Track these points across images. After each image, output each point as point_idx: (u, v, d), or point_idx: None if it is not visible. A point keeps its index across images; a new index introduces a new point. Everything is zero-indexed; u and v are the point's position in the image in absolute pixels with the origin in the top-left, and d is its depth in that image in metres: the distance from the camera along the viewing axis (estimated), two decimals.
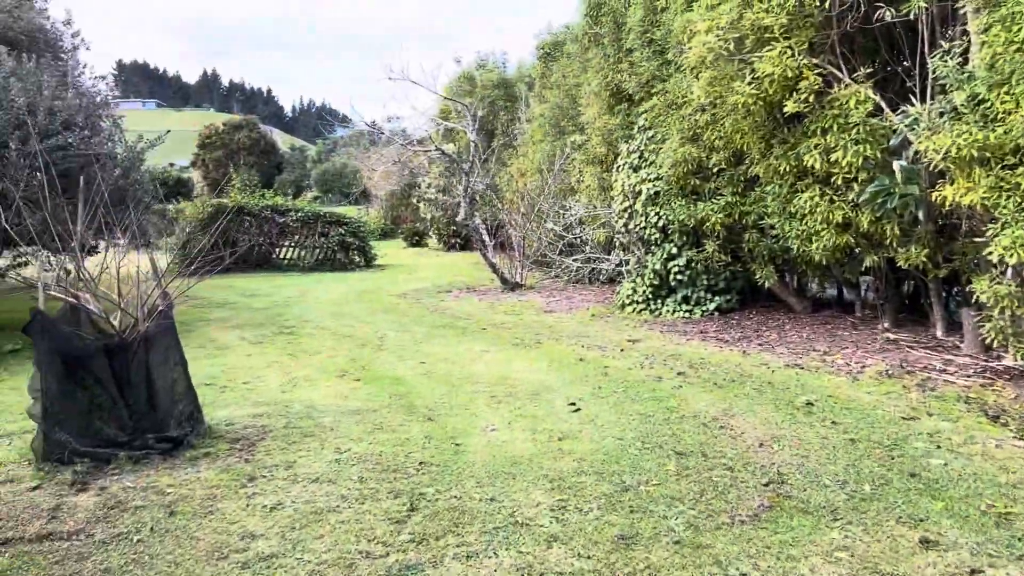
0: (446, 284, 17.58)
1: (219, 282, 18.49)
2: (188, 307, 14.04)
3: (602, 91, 14.35)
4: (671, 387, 7.34)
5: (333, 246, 21.84)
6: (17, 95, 9.26)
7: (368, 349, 9.72)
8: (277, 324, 11.81)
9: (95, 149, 9.68)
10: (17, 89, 9.28)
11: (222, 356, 9.39)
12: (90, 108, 10.46)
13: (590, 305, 13.40)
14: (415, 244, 32.41)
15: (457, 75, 27.83)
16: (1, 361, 9.21)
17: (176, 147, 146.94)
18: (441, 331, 11.05)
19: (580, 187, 16.41)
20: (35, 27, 14.25)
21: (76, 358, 4.92)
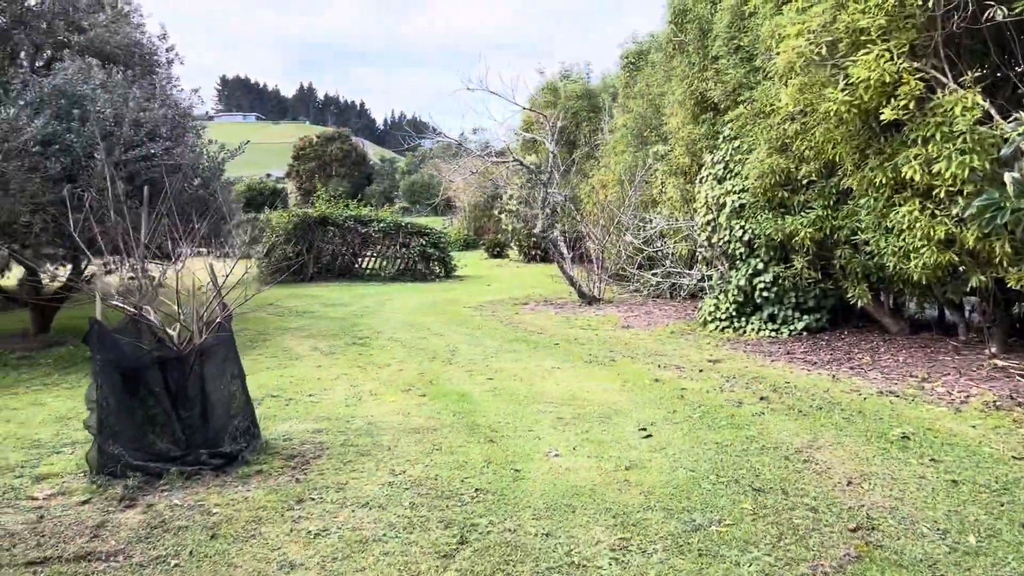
0: (523, 296, 17.34)
1: (302, 291, 18.76)
2: (269, 315, 14.22)
3: (686, 100, 13.88)
4: (752, 413, 6.85)
5: (414, 256, 21.91)
6: (104, 107, 9.49)
7: (437, 363, 9.53)
8: (351, 335, 11.77)
9: (177, 159, 9.84)
10: (104, 101, 9.51)
11: (293, 367, 9.35)
12: (175, 120, 10.66)
13: (670, 321, 12.91)
14: (496, 255, 32.35)
15: (541, 86, 27.65)
16: (81, 367, 9.41)
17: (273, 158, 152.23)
18: (513, 345, 10.79)
19: (662, 199, 15.94)
20: (131, 42, 14.73)
21: (132, 370, 4.86)
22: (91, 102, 9.48)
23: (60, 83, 9.75)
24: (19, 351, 10.03)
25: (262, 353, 10.27)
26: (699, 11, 13.32)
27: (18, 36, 13.90)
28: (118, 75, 10.31)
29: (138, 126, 9.80)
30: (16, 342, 10.79)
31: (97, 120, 9.37)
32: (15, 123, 8.55)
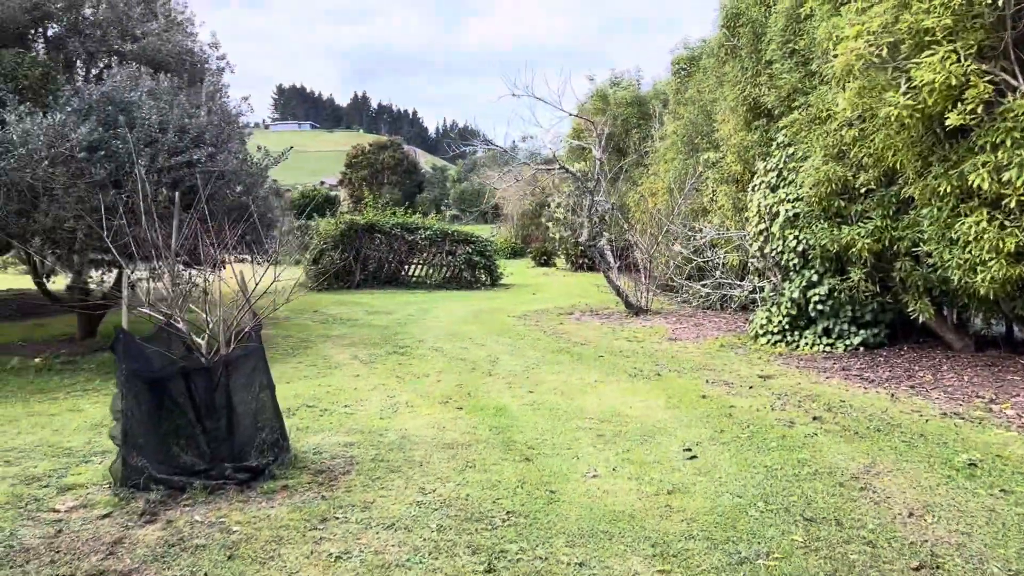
0: (568, 306, 17.05)
1: (348, 298, 18.77)
2: (313, 322, 14.20)
3: (739, 106, 13.48)
4: (804, 434, 6.48)
5: (460, 264, 21.79)
6: (149, 113, 9.52)
7: (477, 374, 9.32)
8: (392, 343, 11.64)
9: (221, 166, 9.83)
10: (149, 107, 9.55)
11: (331, 376, 9.24)
12: (220, 126, 10.67)
13: (719, 334, 12.50)
14: (543, 264, 32.10)
15: (590, 93, 27.37)
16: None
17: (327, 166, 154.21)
18: (555, 357, 10.52)
19: (712, 208, 15.53)
20: (182, 50, 14.88)
21: (157, 380, 4.74)
22: (137, 109, 9.53)
23: (108, 90, 9.82)
24: (64, 355, 10.11)
25: (302, 361, 10.19)
26: (752, 15, 12.93)
27: (73, 44, 14.15)
28: (165, 82, 10.36)
29: (183, 132, 9.82)
30: (62, 347, 10.91)
31: (143, 126, 9.40)
32: (61, 130, 8.61)
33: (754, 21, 12.89)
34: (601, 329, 13.47)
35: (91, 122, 8.98)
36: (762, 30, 12.64)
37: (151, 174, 9.19)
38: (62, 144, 8.56)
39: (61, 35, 14.59)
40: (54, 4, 13.97)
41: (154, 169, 9.23)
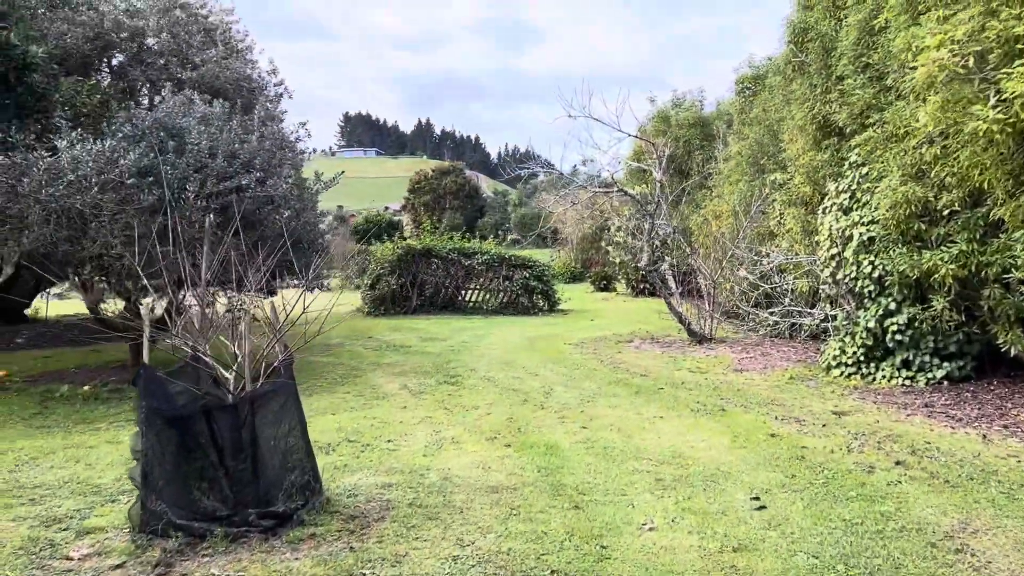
0: (628, 333, 16.48)
1: (403, 323, 18.56)
2: (366, 349, 13.96)
3: (807, 124, 12.83)
4: (887, 482, 5.85)
5: (517, 289, 21.42)
6: (199, 138, 9.43)
7: (529, 407, 8.87)
8: (444, 372, 11.28)
9: (270, 191, 9.68)
10: (198, 133, 9.46)
11: (377, 407, 8.90)
12: (272, 151, 10.55)
13: (788, 365, 11.80)
14: (603, 288, 31.50)
15: (651, 115, 26.88)
16: None
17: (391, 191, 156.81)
18: (613, 389, 10.00)
19: (780, 231, 14.82)
20: (240, 76, 14.97)
21: (177, 419, 4.44)
22: (188, 134, 9.45)
23: (160, 116, 9.79)
24: (113, 383, 10.03)
25: (350, 391, 9.90)
26: (821, 29, 12.31)
27: (134, 73, 14.34)
28: (218, 107, 10.30)
29: (232, 158, 9.71)
30: (113, 374, 10.86)
31: (192, 152, 9.30)
32: (111, 155, 8.55)
33: (823, 36, 12.28)
34: (662, 358, 12.89)
35: (141, 148, 8.91)
36: (832, 45, 12.02)
37: (199, 199, 9.07)
38: (111, 170, 8.50)
39: (124, 64, 14.83)
40: (118, 34, 14.21)
41: (203, 195, 9.11)
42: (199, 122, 9.87)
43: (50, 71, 10.97)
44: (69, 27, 13.40)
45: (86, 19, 13.69)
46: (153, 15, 15.06)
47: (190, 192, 9.02)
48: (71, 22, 13.51)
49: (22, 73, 9.93)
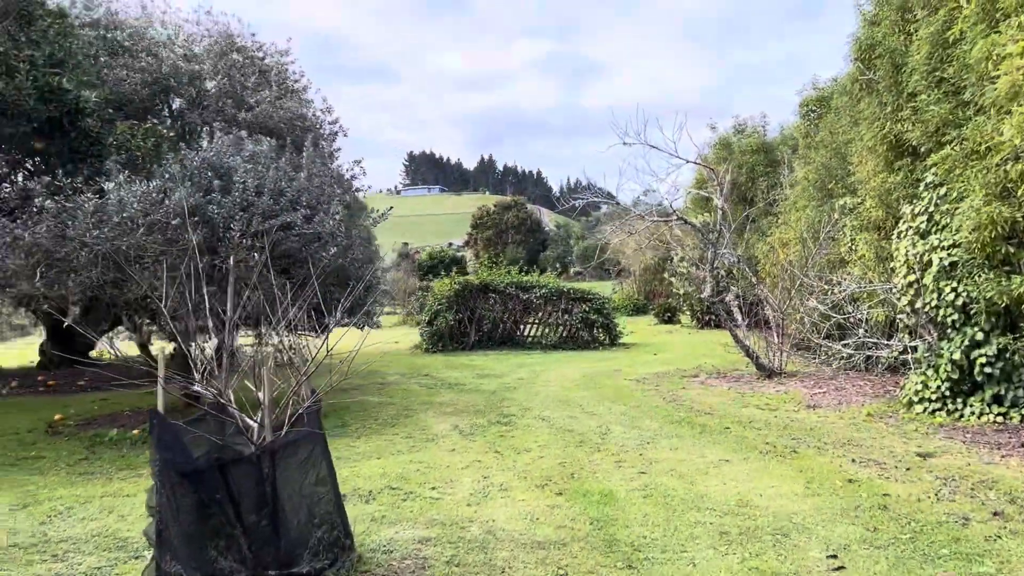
0: (692, 368, 15.79)
1: (460, 359, 18.23)
2: (420, 387, 13.65)
3: (878, 145, 12.13)
4: (984, 536, 5.17)
5: (576, 323, 20.90)
6: (245, 177, 9.33)
7: (584, 449, 8.36)
8: (497, 411, 10.85)
9: (317, 228, 9.50)
10: (244, 171, 9.36)
11: (425, 450, 8.52)
12: (321, 188, 10.41)
13: (865, 401, 11.01)
14: (666, 321, 30.69)
15: (712, 142, 26.27)
16: None
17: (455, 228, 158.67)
18: (675, 428, 9.42)
19: (851, 258, 14.04)
20: (293, 115, 15.05)
21: (192, 473, 4.12)
22: (235, 173, 9.37)
23: (208, 156, 9.74)
24: None
25: (399, 432, 9.54)
26: (890, 44, 11.66)
27: (191, 116, 14.53)
28: (264, 145, 10.24)
29: (279, 195, 9.58)
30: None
31: (239, 190, 9.20)
32: (156, 196, 8.49)
33: (892, 51, 11.63)
34: (728, 395, 12.21)
35: (186, 187, 8.84)
36: (902, 60, 11.37)
37: (245, 238, 8.93)
38: (156, 211, 8.43)
39: (183, 108, 15.07)
40: (176, 79, 14.45)
41: (248, 233, 8.97)
42: (246, 161, 9.79)
43: (105, 116, 11.11)
44: (128, 73, 13.68)
45: (144, 65, 13.96)
46: (209, 59, 15.32)
47: (235, 231, 8.89)
48: (130, 68, 13.78)
49: (75, 118, 10.03)
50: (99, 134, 10.39)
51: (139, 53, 14.32)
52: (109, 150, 10.47)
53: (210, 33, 16.17)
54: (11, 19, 10.46)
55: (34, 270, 8.31)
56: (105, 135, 10.53)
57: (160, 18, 15.96)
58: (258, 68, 15.97)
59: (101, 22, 14.84)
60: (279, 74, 16.03)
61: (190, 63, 14.72)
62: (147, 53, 14.38)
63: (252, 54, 16.23)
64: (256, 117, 14.42)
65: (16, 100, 9.37)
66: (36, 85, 9.53)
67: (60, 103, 9.76)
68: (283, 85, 16.13)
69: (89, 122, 10.38)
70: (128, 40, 14.55)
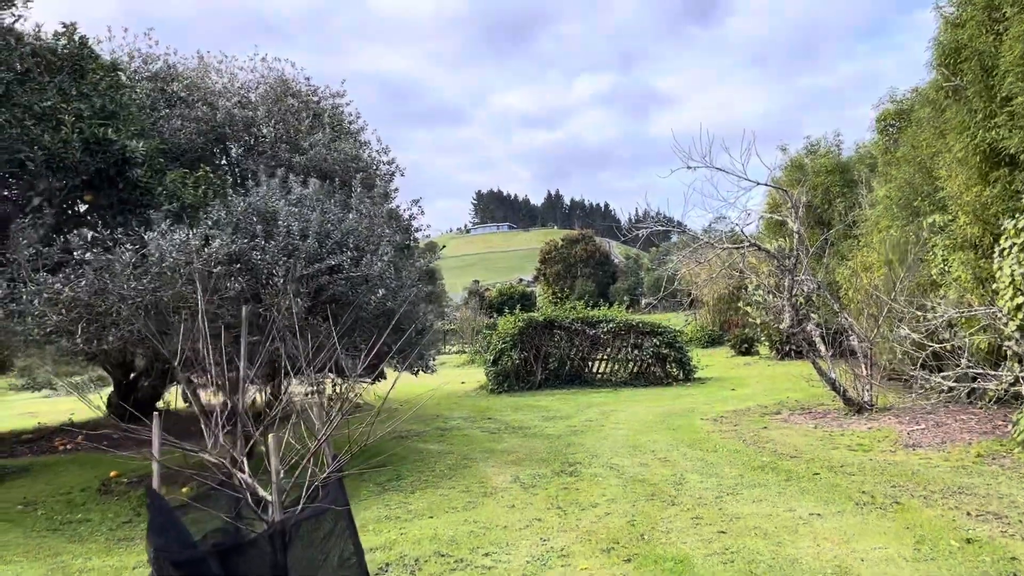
0: (773, 404, 14.73)
1: (526, 400, 17.54)
2: (482, 432, 13.00)
3: (969, 156, 11.10)
4: None
5: (647, 358, 19.98)
6: (287, 220, 8.96)
7: (657, 503, 7.55)
8: (561, 459, 10.10)
9: (364, 270, 9.04)
10: (286, 214, 8.99)
11: (482, 506, 7.84)
12: (370, 229, 9.98)
13: (972, 439, 9.88)
14: (743, 352, 29.34)
15: (783, 164, 25.13)
16: None
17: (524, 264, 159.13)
18: (758, 476, 8.52)
19: (944, 280, 12.88)
20: (348, 157, 14.80)
21: (187, 562, 3.56)
22: (280, 216, 9.01)
23: (255, 200, 9.43)
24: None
25: (455, 485, 8.89)
26: (977, 46, 10.69)
27: (246, 163, 14.42)
28: (311, 187, 9.87)
29: (326, 237, 9.17)
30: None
31: (282, 234, 8.82)
32: (196, 244, 8.15)
33: (981, 53, 10.66)
34: (815, 434, 11.19)
35: (227, 233, 8.50)
36: (992, 63, 10.39)
37: (289, 283, 8.51)
38: (197, 259, 8.08)
39: (239, 155, 15.00)
40: (232, 127, 14.40)
41: (292, 279, 8.55)
42: (292, 204, 9.44)
43: (157, 166, 10.96)
44: (183, 123, 13.67)
45: (200, 114, 13.94)
46: (264, 104, 15.27)
47: (278, 277, 8.49)
48: (185, 118, 13.77)
49: (122, 168, 9.86)
50: (148, 184, 10.20)
51: (195, 103, 14.33)
52: (159, 200, 10.27)
53: (265, 80, 16.15)
54: (64, 74, 10.45)
55: (75, 325, 8.04)
56: (155, 185, 10.34)
57: (216, 67, 16.02)
58: (312, 111, 15.85)
59: (160, 75, 14.96)
60: (333, 116, 15.85)
61: (244, 109, 14.65)
62: (203, 102, 14.38)
63: (307, 98, 16.13)
64: (310, 160, 14.20)
65: (62, 153, 9.24)
66: (82, 137, 9.40)
67: (106, 154, 9.60)
68: (338, 128, 15.95)
69: (138, 172, 10.21)
70: (184, 91, 14.59)
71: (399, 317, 9.66)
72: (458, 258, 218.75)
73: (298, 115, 15.40)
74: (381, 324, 9.32)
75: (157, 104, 13.99)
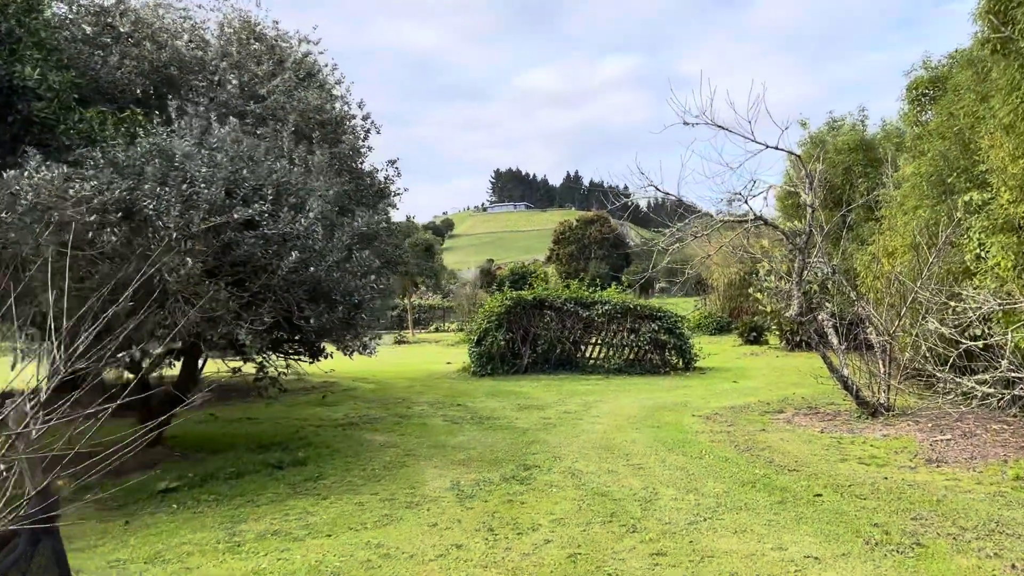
0: (777, 400, 13.11)
1: (506, 385, 16.01)
2: (443, 421, 11.49)
3: (1018, 121, 9.40)
4: None
5: (644, 344, 18.34)
6: (187, 161, 7.43)
7: (613, 528, 6.01)
8: (517, 461, 8.56)
9: (282, 228, 7.48)
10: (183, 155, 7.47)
11: (397, 523, 6.31)
12: (295, 180, 8.40)
13: (1008, 454, 8.27)
14: (751, 341, 27.58)
15: (803, 140, 23.30)
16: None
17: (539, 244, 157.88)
18: (745, 494, 6.95)
19: (980, 267, 11.18)
20: (311, 107, 13.25)
21: None
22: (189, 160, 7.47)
23: (160, 140, 7.89)
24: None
25: (378, 492, 7.36)
26: None
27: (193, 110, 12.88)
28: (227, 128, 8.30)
29: (236, 185, 7.62)
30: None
31: (181, 181, 7.29)
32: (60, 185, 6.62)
33: None
34: (820, 440, 9.58)
35: (105, 175, 6.97)
36: None
37: (182, 240, 6.98)
38: (60, 204, 6.57)
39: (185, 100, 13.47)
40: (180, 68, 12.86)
41: (187, 234, 7.01)
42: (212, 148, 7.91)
43: (65, 102, 9.44)
44: (123, 60, 12.15)
45: (143, 52, 12.42)
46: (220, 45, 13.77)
47: (170, 230, 6.95)
48: (127, 55, 12.25)
49: (9, 99, 8.35)
50: (46, 120, 8.68)
51: (141, 41, 12.80)
52: (62, 139, 8.75)
53: (228, 21, 14.60)
54: None
55: None
56: (57, 123, 8.82)
57: (173, 5, 14.46)
58: (278, 57, 14.30)
59: (108, 10, 13.45)
60: (298, 63, 14.28)
61: (195, 50, 13.11)
62: (149, 40, 12.84)
63: (272, 43, 14.58)
64: (266, 109, 12.68)
65: None
66: None
67: None
68: (304, 76, 14.40)
69: (38, 105, 8.70)
70: (130, 26, 13.06)
71: (326, 287, 8.12)
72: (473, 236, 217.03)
73: (259, 58, 13.85)
74: (301, 295, 7.79)
75: (99, 40, 12.51)
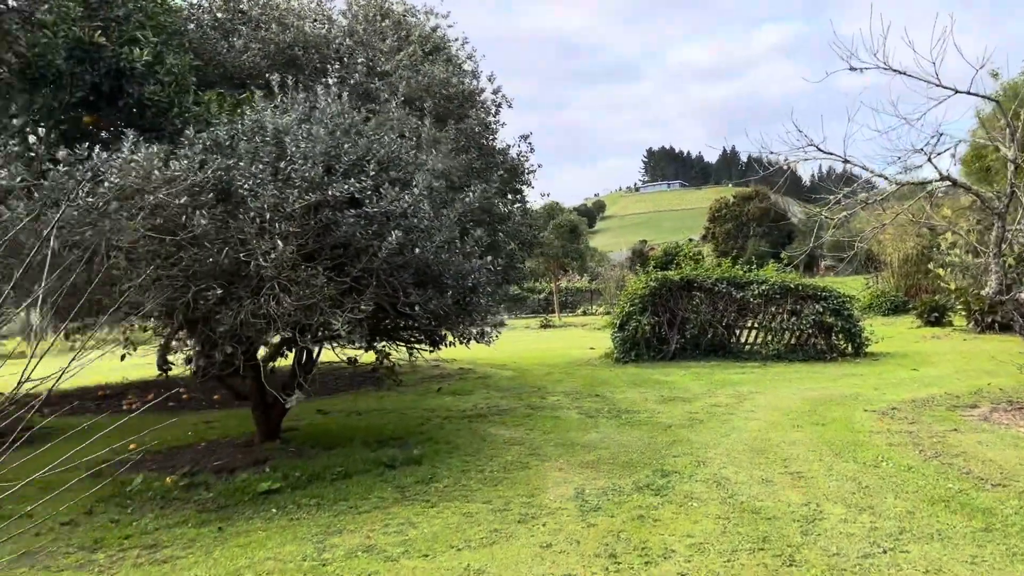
0: (968, 392, 11.18)
1: (650, 374, 14.83)
2: (578, 414, 10.54)
3: None
4: None
5: (806, 328, 16.52)
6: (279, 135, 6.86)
7: (767, 558, 4.85)
8: (654, 465, 7.47)
9: (384, 206, 6.78)
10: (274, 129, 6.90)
11: (506, 542, 5.42)
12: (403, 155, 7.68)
13: None
14: (932, 323, 24.61)
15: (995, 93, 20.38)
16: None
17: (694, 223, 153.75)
18: (938, 517, 5.56)
19: None
20: (436, 82, 12.63)
21: None
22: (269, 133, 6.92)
23: (260, 117, 7.39)
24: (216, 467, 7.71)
25: (492, 500, 6.52)
26: None
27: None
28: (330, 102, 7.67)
29: (335, 160, 6.98)
30: (228, 453, 8.58)
31: (274, 156, 6.73)
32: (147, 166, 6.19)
33: None
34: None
35: (194, 152, 6.50)
36: None
37: (276, 221, 6.40)
38: (147, 186, 6.14)
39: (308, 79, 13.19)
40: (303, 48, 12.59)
41: (281, 215, 6.43)
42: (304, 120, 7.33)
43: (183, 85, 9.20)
44: (248, 43, 12.00)
45: (268, 35, 12.23)
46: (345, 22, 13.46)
47: (264, 210, 6.40)
48: (252, 39, 12.10)
49: (118, 82, 8.12)
50: (158, 103, 8.42)
51: (268, 23, 12.64)
52: (175, 122, 8.48)
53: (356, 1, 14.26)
54: None
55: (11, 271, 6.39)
56: (170, 107, 8.55)
57: None
58: (404, 31, 13.80)
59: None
60: (425, 37, 13.70)
61: (320, 29, 12.81)
62: (276, 22, 12.66)
63: (400, 18, 14.10)
64: (390, 85, 12.17)
65: (40, 63, 7.62)
66: (66, 42, 7.71)
67: (96, 65, 7.86)
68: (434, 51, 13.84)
69: (151, 88, 8.45)
70: (258, 9, 12.95)
71: (435, 269, 7.35)
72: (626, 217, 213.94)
73: (383, 35, 13.40)
74: (406, 278, 7.06)
75: (228, 25, 12.47)
